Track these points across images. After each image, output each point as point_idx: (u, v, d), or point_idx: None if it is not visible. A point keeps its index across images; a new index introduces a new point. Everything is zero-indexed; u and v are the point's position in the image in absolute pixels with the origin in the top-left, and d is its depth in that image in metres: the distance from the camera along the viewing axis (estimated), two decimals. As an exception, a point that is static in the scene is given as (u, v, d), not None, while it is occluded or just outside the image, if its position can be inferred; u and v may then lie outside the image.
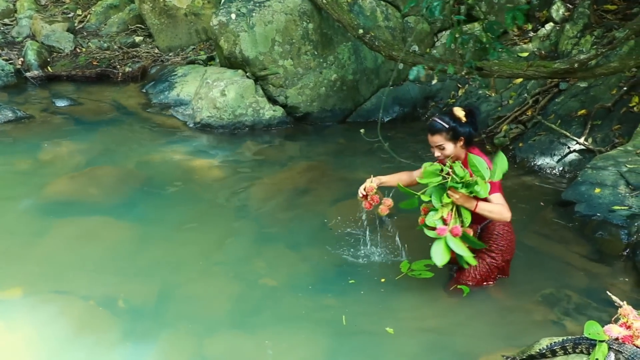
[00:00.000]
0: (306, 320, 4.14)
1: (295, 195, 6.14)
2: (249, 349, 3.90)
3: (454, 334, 3.96)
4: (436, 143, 4.10)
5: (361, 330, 4.02)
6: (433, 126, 4.12)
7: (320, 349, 3.85)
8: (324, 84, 8.15)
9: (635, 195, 5.32)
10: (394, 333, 3.95)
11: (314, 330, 4.03)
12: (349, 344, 3.90)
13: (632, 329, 3.06)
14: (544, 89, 7.59)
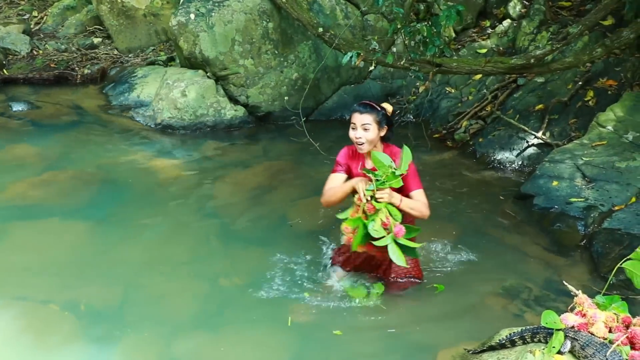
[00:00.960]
0: (270, 320, 4.14)
1: (257, 194, 6.13)
2: (213, 348, 3.88)
3: (413, 330, 3.98)
4: (363, 122, 3.98)
5: (322, 329, 4.02)
6: (365, 106, 4.06)
7: (284, 348, 3.85)
8: (285, 83, 8.15)
9: (591, 187, 5.43)
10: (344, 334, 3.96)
11: (279, 330, 4.04)
12: (314, 343, 3.91)
13: (587, 316, 3.13)
14: (502, 85, 7.71)
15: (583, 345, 2.98)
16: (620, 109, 6.26)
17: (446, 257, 4.83)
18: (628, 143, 5.89)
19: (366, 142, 4.00)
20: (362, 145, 4.02)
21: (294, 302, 4.29)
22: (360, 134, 4.01)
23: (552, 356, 3.03)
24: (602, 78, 7.04)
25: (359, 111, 4.03)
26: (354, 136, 4.03)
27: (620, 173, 5.53)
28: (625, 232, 4.81)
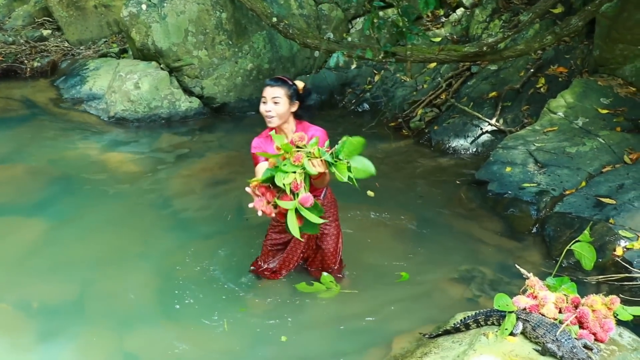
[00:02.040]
0: (226, 311, 4.11)
1: (214, 186, 6.08)
2: (170, 341, 3.84)
3: (368, 319, 3.98)
4: (274, 95, 3.86)
5: (276, 318, 4.02)
6: (277, 80, 3.97)
7: (239, 338, 3.83)
8: (240, 73, 8.10)
9: (543, 172, 5.53)
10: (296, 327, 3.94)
11: (234, 321, 4.01)
12: (268, 331, 3.90)
13: (538, 298, 3.19)
14: (456, 73, 7.78)
15: (534, 326, 3.04)
16: (571, 95, 6.38)
17: (402, 244, 4.86)
18: (578, 129, 6.01)
19: (276, 115, 3.88)
20: (271, 119, 3.90)
21: (250, 294, 4.27)
22: (270, 107, 3.89)
23: (504, 338, 3.09)
24: (553, 65, 7.15)
25: (269, 85, 3.94)
26: (264, 110, 3.92)
27: (571, 158, 5.63)
28: (576, 216, 4.91)
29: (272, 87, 3.91)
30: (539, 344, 3.01)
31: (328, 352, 3.67)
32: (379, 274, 4.43)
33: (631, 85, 6.37)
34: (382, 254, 4.62)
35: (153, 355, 3.70)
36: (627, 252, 4.47)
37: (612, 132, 5.91)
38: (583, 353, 2.84)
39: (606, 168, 5.53)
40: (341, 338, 3.78)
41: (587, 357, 2.82)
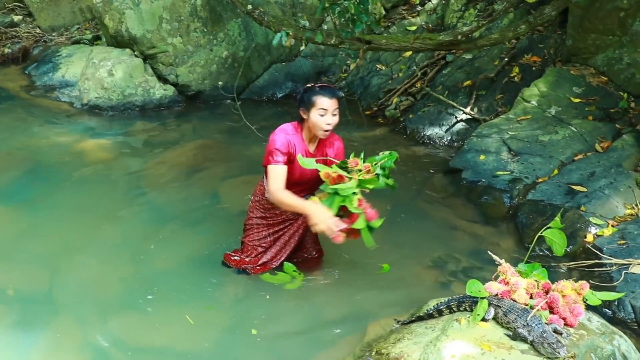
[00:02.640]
0: (200, 300, 4.10)
1: (188, 174, 6.05)
2: (143, 329, 3.82)
3: (343, 307, 3.98)
4: (335, 107, 3.83)
5: (249, 309, 4.01)
6: (335, 91, 3.90)
7: (213, 327, 3.82)
8: (215, 61, 8.05)
9: (516, 160, 5.58)
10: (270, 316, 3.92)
11: (208, 310, 4.00)
12: (241, 322, 3.89)
13: (510, 284, 3.23)
14: (431, 62, 7.81)
15: (506, 312, 3.08)
16: (544, 84, 6.43)
17: (376, 231, 4.86)
18: (551, 117, 6.07)
19: (333, 127, 3.89)
20: (328, 132, 3.89)
21: (223, 282, 4.24)
22: (330, 119, 3.83)
23: (476, 323, 3.12)
24: (527, 54, 7.21)
25: (330, 96, 3.82)
26: (325, 122, 3.81)
27: (544, 146, 5.69)
28: (548, 203, 4.96)
29: (332, 99, 3.82)
30: (510, 329, 3.05)
31: (302, 341, 3.67)
32: (352, 261, 4.44)
33: (603, 75, 6.45)
34: (356, 243, 4.62)
35: (122, 345, 3.66)
36: (598, 239, 4.54)
37: (584, 121, 5.98)
38: (553, 337, 2.88)
39: (578, 156, 5.61)
40: (315, 327, 3.78)
41: (556, 341, 2.86)
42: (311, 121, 3.84)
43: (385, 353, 3.22)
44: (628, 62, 6.24)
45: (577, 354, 2.91)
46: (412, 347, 3.17)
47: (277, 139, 3.89)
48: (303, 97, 3.86)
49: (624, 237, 4.45)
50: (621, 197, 5.01)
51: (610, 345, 3.12)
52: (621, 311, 3.85)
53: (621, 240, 4.42)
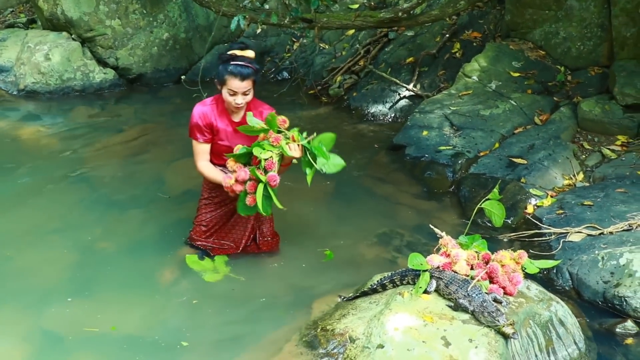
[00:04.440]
0: (144, 283, 4.03)
1: (131, 158, 5.94)
2: (87, 315, 3.72)
3: (287, 287, 3.96)
4: (245, 89, 3.72)
5: (194, 292, 3.97)
6: (243, 71, 3.67)
7: (157, 310, 3.78)
8: (155, 43, 7.90)
9: (458, 135, 5.65)
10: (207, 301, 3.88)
11: (152, 293, 3.94)
12: (184, 307, 3.86)
13: (451, 256, 3.28)
14: (374, 39, 7.82)
15: (447, 283, 3.13)
16: (484, 59, 6.51)
17: (321, 210, 4.89)
18: (491, 92, 6.16)
19: (245, 104, 3.84)
20: (240, 110, 3.86)
21: (166, 265, 4.18)
22: (240, 99, 3.76)
23: (419, 296, 3.17)
24: (468, 30, 7.29)
25: (240, 77, 3.67)
26: (234, 102, 3.76)
27: (485, 120, 5.78)
28: (490, 176, 5.05)
29: (242, 80, 3.69)
30: (451, 300, 3.11)
31: (247, 322, 3.64)
32: (298, 241, 4.43)
33: (541, 49, 6.57)
34: (301, 221, 4.64)
35: (69, 333, 3.59)
36: (537, 210, 4.65)
37: (523, 95, 6.09)
38: (492, 306, 2.95)
39: (518, 129, 5.71)
40: (260, 308, 3.75)
41: (496, 310, 2.92)
42: (224, 96, 3.81)
43: (330, 329, 3.24)
44: (564, 36, 6.36)
45: (516, 321, 2.98)
46: (357, 322, 3.20)
47: (194, 113, 3.91)
48: (218, 70, 3.76)
49: (562, 207, 4.56)
50: (559, 168, 5.13)
51: (547, 311, 3.21)
52: (559, 278, 3.95)
53: (560, 210, 4.53)
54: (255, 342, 3.42)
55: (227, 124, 3.93)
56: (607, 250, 3.90)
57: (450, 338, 2.87)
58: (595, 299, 3.74)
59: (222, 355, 3.38)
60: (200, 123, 3.88)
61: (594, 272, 3.82)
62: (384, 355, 2.84)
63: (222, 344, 3.46)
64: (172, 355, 3.39)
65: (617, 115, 5.54)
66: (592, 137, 5.60)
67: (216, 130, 3.92)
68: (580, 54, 6.30)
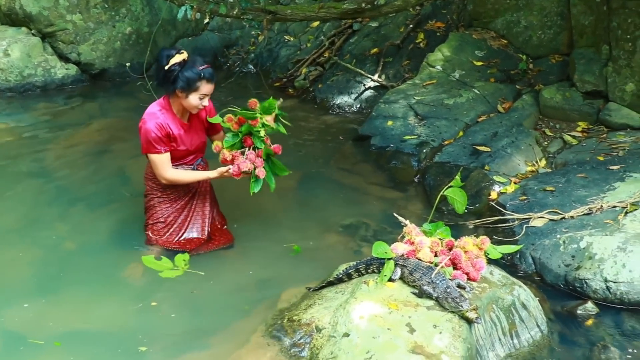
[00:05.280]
0: (109, 280, 4.00)
1: (95, 154, 5.89)
2: (53, 312, 3.69)
3: (254, 281, 3.96)
4: (211, 92, 3.86)
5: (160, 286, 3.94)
6: (213, 74, 3.84)
7: (123, 306, 3.74)
8: (118, 38, 7.82)
9: (423, 124, 5.69)
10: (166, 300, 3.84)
11: (118, 290, 3.91)
12: (149, 297, 3.83)
13: (415, 244, 3.31)
14: (339, 31, 7.84)
15: (411, 271, 3.16)
16: (447, 49, 6.56)
17: (287, 201, 4.89)
18: (455, 81, 6.21)
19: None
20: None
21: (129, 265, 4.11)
22: (206, 102, 3.87)
23: (384, 284, 3.19)
24: (431, 20, 7.34)
25: (212, 81, 3.81)
26: (202, 105, 3.84)
27: (449, 109, 5.83)
28: (454, 164, 5.10)
29: (212, 83, 3.81)
30: (416, 287, 3.14)
31: (214, 313, 3.62)
32: (264, 233, 4.43)
33: (503, 38, 6.63)
34: (267, 214, 4.63)
35: (28, 330, 3.53)
36: (501, 196, 4.70)
37: (486, 83, 6.15)
38: (456, 292, 2.98)
39: (481, 117, 5.77)
40: (228, 299, 3.74)
41: (459, 295, 2.96)
42: (188, 102, 3.82)
43: (297, 319, 3.26)
44: (525, 25, 6.44)
45: (479, 306, 3.03)
46: (323, 312, 3.22)
47: (150, 127, 3.84)
48: (185, 78, 3.74)
49: (525, 193, 4.63)
50: (522, 155, 5.20)
51: (510, 295, 3.26)
52: (523, 263, 4.01)
53: (523, 196, 4.60)
54: (220, 335, 3.41)
55: (179, 127, 3.95)
56: (569, 234, 3.97)
57: (415, 324, 2.90)
58: (557, 282, 3.81)
59: (185, 355, 3.32)
60: (160, 135, 3.85)
61: (555, 256, 3.88)
62: (349, 343, 2.86)
63: (184, 342, 3.40)
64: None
65: (578, 102, 5.63)
66: (553, 123, 5.69)
67: (173, 137, 3.92)
68: (541, 43, 6.38)
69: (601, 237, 3.79)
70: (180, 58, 3.75)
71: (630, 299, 3.52)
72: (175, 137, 3.92)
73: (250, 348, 3.24)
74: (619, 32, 5.38)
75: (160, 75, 3.85)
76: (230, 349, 3.26)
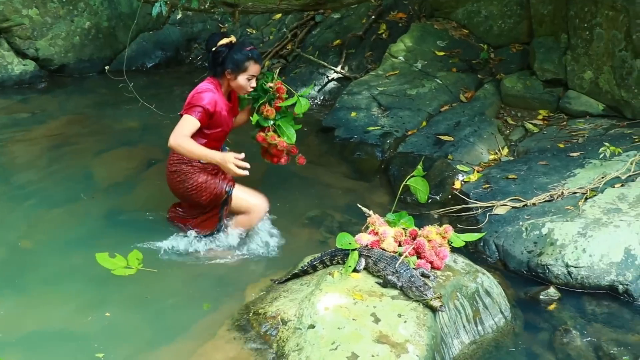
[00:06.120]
0: (74, 276, 3.92)
1: (56, 151, 5.77)
2: (19, 311, 3.61)
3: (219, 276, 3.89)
4: (258, 73, 3.99)
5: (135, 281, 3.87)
6: (260, 55, 4.05)
7: (89, 302, 3.67)
8: (77, 32, 7.68)
9: (386, 115, 5.71)
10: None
11: (82, 285, 3.83)
12: (119, 296, 3.78)
13: (379, 234, 3.32)
14: (301, 23, 7.82)
15: (375, 261, 3.17)
16: (410, 39, 6.59)
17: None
18: (417, 71, 6.24)
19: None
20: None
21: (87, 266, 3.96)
22: (254, 83, 3.99)
23: (348, 275, 3.20)
24: (393, 11, 7.36)
25: (259, 62, 3.96)
26: (250, 86, 3.96)
27: (412, 100, 5.85)
28: (418, 154, 5.12)
29: (259, 64, 3.95)
30: (380, 277, 3.15)
31: (181, 309, 3.58)
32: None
33: (464, 28, 6.69)
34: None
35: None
36: (465, 185, 4.75)
37: (448, 73, 6.19)
38: (420, 281, 3.00)
39: (444, 107, 5.81)
40: (194, 296, 3.70)
41: (423, 284, 2.98)
42: (237, 83, 3.93)
43: (263, 313, 3.25)
44: (486, 15, 6.49)
45: (443, 294, 3.05)
46: (288, 305, 3.21)
47: (206, 96, 3.84)
48: (234, 59, 3.86)
49: (488, 182, 4.67)
50: (485, 143, 5.25)
51: (474, 283, 3.29)
52: (487, 250, 4.05)
53: (486, 185, 4.64)
54: (186, 332, 3.37)
55: (225, 107, 3.99)
56: (531, 221, 4.02)
57: (380, 314, 2.91)
58: (520, 268, 3.86)
59: (150, 353, 3.26)
60: (210, 109, 3.84)
61: (518, 242, 3.93)
62: (315, 335, 2.86)
63: (147, 341, 3.34)
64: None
65: (538, 90, 5.70)
66: (515, 112, 5.75)
67: (218, 116, 3.92)
68: (501, 32, 6.44)
69: (562, 223, 3.85)
70: (227, 40, 3.89)
71: (590, 283, 3.58)
72: (220, 116, 3.92)
73: (217, 343, 3.22)
74: (577, 21, 5.45)
75: (209, 58, 3.97)
76: (197, 345, 3.24)
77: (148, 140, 5.93)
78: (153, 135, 5.95)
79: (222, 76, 3.95)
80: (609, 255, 3.60)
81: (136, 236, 4.18)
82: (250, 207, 4.09)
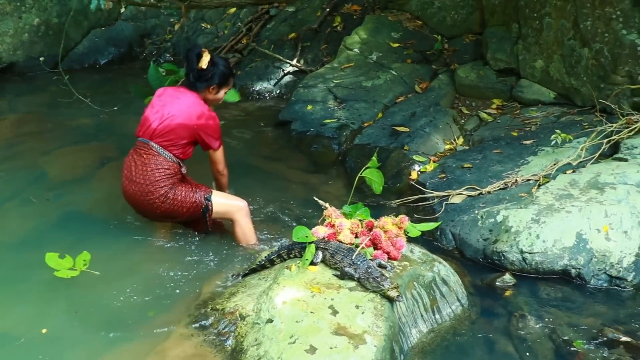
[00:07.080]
0: (39, 276, 3.81)
1: (7, 151, 5.64)
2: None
3: (173, 274, 3.80)
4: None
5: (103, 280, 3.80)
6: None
7: (54, 302, 3.58)
8: (26, 29, 7.51)
9: (342, 107, 5.71)
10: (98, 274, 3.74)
11: (48, 285, 3.73)
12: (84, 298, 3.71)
13: (335, 226, 3.32)
14: (256, 17, 7.78)
15: (333, 253, 3.17)
16: (364, 31, 6.60)
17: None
18: (373, 63, 6.26)
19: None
20: None
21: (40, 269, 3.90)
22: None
23: (306, 268, 3.19)
24: (347, 4, 7.38)
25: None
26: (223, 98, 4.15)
27: (368, 92, 5.87)
28: (374, 146, 5.14)
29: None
30: (338, 269, 3.15)
31: (137, 306, 3.54)
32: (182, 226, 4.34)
33: (418, 19, 6.73)
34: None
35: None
36: (421, 175, 4.78)
37: (403, 64, 6.22)
38: (377, 272, 3.01)
39: (400, 98, 5.84)
40: (149, 293, 3.63)
41: (380, 275, 2.98)
42: (217, 97, 4.07)
43: (221, 309, 3.22)
44: (439, 6, 6.54)
45: (400, 284, 3.06)
46: (246, 300, 3.19)
47: (217, 122, 4.03)
48: (223, 75, 4.00)
49: (444, 171, 4.71)
50: (440, 133, 5.29)
51: (431, 272, 3.31)
52: (444, 239, 4.09)
53: (442, 174, 4.68)
54: (143, 330, 3.31)
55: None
56: (486, 209, 4.07)
57: (338, 306, 2.91)
58: (476, 256, 3.90)
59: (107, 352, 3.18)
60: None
61: (474, 231, 3.97)
62: (273, 329, 2.84)
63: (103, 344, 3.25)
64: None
65: (491, 80, 5.77)
66: (469, 102, 5.81)
67: None
68: (455, 23, 6.49)
69: (516, 210, 3.90)
70: (209, 57, 3.95)
71: (544, 268, 3.64)
72: None
73: (175, 340, 3.18)
74: (527, 11, 5.53)
75: (194, 75, 3.96)
76: (154, 343, 3.19)
77: (101, 137, 5.85)
78: (106, 132, 5.87)
79: (204, 91, 4.01)
80: (561, 240, 3.66)
81: (89, 236, 4.14)
82: (232, 208, 4.06)
